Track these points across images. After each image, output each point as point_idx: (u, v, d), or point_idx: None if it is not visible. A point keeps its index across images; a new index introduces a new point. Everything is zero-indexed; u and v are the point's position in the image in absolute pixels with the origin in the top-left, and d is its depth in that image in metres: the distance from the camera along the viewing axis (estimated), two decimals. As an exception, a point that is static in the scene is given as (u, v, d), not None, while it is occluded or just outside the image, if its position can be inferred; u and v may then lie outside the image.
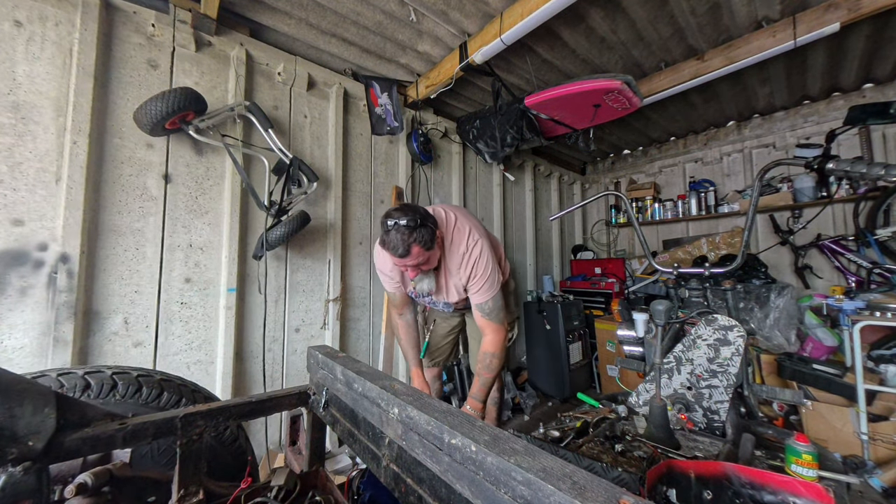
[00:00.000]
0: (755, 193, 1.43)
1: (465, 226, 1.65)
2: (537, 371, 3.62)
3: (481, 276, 1.61)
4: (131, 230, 1.82)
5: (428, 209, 1.69)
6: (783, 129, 3.71)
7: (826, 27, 2.15)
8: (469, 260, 1.61)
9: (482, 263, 1.61)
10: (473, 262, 1.60)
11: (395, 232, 1.41)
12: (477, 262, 1.60)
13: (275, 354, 2.27)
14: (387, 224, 1.43)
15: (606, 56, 2.70)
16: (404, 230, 1.40)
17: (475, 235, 1.63)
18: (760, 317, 2.63)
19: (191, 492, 0.85)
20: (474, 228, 1.66)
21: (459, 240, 1.62)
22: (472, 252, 1.61)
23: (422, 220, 1.44)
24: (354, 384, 0.86)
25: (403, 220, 1.40)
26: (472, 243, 1.62)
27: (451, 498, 0.57)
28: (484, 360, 1.64)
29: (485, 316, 1.64)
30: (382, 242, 1.47)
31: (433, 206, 1.76)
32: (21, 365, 1.53)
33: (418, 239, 1.42)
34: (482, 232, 1.71)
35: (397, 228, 1.40)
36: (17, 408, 0.65)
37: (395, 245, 1.42)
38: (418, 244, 1.42)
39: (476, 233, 1.65)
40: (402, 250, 1.41)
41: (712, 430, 1.17)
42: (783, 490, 0.65)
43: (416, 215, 1.42)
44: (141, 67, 1.88)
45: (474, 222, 1.74)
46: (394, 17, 2.21)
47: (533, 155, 4.39)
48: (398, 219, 1.40)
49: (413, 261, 1.46)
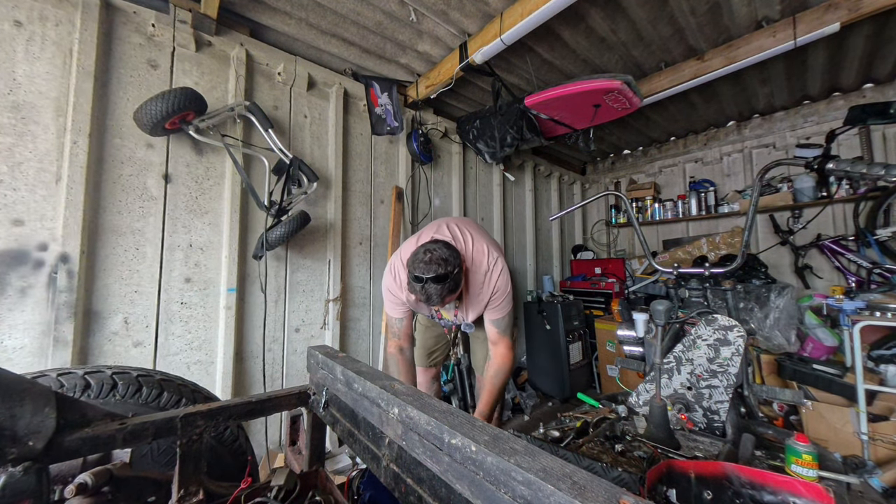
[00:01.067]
0: (755, 193, 1.43)
1: (482, 245, 1.66)
2: (537, 371, 3.62)
3: (501, 292, 1.62)
4: (131, 230, 1.82)
5: (442, 229, 1.69)
6: (783, 129, 3.71)
7: (826, 27, 2.15)
8: (491, 279, 1.62)
9: (503, 280, 1.62)
10: (496, 281, 1.61)
11: (430, 285, 1.37)
12: (499, 280, 1.62)
13: (275, 354, 2.27)
14: (421, 276, 1.37)
15: (606, 56, 2.70)
16: (434, 286, 1.37)
17: (493, 253, 1.64)
18: (760, 317, 2.63)
19: (191, 492, 0.85)
20: (489, 246, 1.67)
21: (480, 260, 1.63)
22: (494, 270, 1.62)
23: (452, 269, 1.41)
24: (354, 384, 0.86)
25: (436, 272, 1.36)
26: (493, 262, 1.63)
27: (451, 498, 0.57)
28: (497, 376, 1.64)
29: (500, 331, 1.65)
30: (412, 290, 1.43)
31: (443, 224, 1.74)
32: (21, 365, 1.53)
33: (451, 288, 1.42)
34: (494, 245, 1.71)
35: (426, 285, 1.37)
36: (17, 408, 0.65)
37: (427, 298, 1.40)
38: (451, 293, 1.44)
39: (493, 250, 1.65)
40: (437, 301, 1.42)
41: (712, 430, 1.17)
42: (783, 490, 0.65)
43: (445, 265, 1.38)
44: (141, 67, 1.88)
45: (485, 236, 1.73)
46: (394, 17, 2.21)
47: (533, 155, 4.39)
48: (425, 273, 1.36)
49: (443, 305, 1.49)
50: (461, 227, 1.73)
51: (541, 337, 3.56)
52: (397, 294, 1.68)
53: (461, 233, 1.69)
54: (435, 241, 1.50)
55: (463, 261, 1.54)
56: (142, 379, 1.03)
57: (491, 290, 1.61)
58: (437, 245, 1.46)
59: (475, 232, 1.71)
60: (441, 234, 1.68)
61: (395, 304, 1.71)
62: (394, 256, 1.73)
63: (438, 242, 1.48)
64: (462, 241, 1.65)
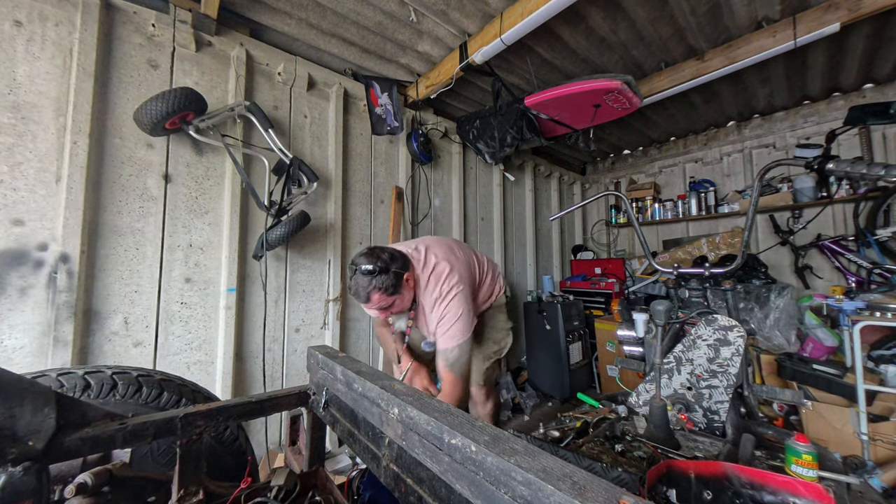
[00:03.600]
0: (755, 193, 1.43)
1: (445, 269, 1.60)
2: (537, 371, 3.62)
3: (448, 320, 1.54)
4: (131, 230, 1.82)
5: (409, 247, 1.66)
6: (783, 129, 3.71)
7: (826, 27, 2.15)
8: (442, 304, 1.56)
9: (454, 308, 1.54)
10: (445, 306, 1.55)
11: (356, 277, 1.42)
12: (448, 306, 1.55)
13: (275, 354, 2.27)
14: (351, 268, 1.44)
15: (606, 56, 2.70)
16: (364, 277, 1.40)
17: (451, 281, 1.58)
18: (760, 317, 2.63)
19: (191, 492, 0.85)
20: (455, 274, 1.60)
21: (435, 283, 1.58)
22: (446, 297, 1.56)
23: (384, 266, 1.42)
24: (354, 384, 0.86)
25: (365, 265, 1.40)
26: (447, 289, 1.56)
27: (451, 498, 0.57)
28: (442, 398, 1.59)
29: (447, 365, 1.53)
30: (348, 287, 1.48)
31: (423, 241, 1.72)
32: (21, 365, 1.53)
33: (378, 285, 1.42)
34: (464, 274, 1.65)
35: (359, 273, 1.41)
36: (17, 408, 0.65)
37: (356, 291, 1.44)
38: (379, 291, 1.43)
39: (454, 277, 1.59)
40: (364, 297, 1.43)
41: (712, 431, 1.17)
42: (783, 490, 0.65)
43: (377, 261, 1.41)
44: (141, 67, 1.88)
45: (459, 262, 1.68)
46: (394, 17, 2.21)
47: (533, 155, 4.39)
48: (360, 264, 1.41)
49: (375, 305, 1.47)
50: (436, 247, 1.69)
51: (541, 337, 3.56)
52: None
53: (430, 254, 1.64)
54: (390, 247, 1.54)
55: (409, 275, 1.52)
56: (142, 379, 1.03)
57: (439, 314, 1.56)
58: (385, 248, 1.51)
59: (444, 257, 1.65)
60: (409, 248, 1.66)
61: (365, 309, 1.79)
62: None
63: (391, 248, 1.52)
64: (423, 261, 1.61)
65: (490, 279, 1.92)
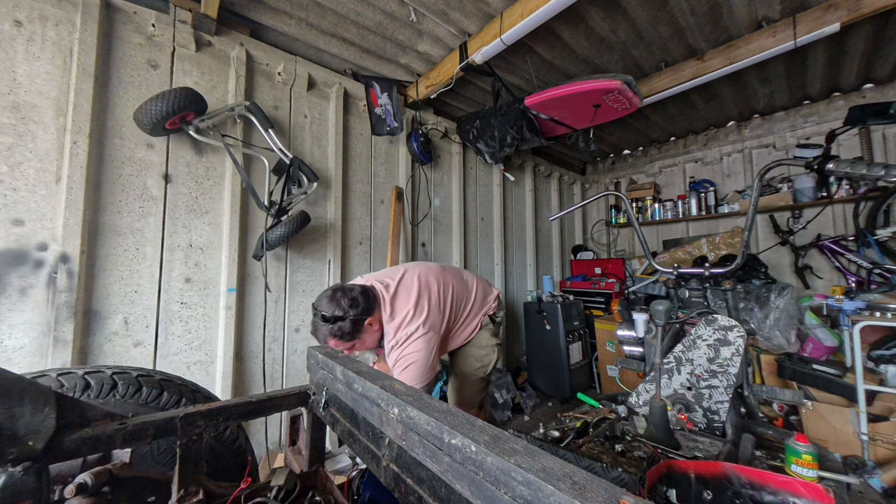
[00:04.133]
0: (755, 193, 1.43)
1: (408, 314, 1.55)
2: (537, 371, 3.62)
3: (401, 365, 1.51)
4: (131, 230, 1.82)
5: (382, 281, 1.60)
6: (783, 129, 3.71)
7: (826, 27, 2.15)
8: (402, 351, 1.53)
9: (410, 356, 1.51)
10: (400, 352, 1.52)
11: (315, 318, 1.43)
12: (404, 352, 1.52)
13: (275, 354, 2.27)
14: (313, 309, 1.44)
15: (606, 56, 2.70)
16: (321, 323, 1.41)
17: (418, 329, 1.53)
18: (760, 317, 2.62)
19: (191, 492, 0.85)
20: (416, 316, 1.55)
21: (395, 329, 1.54)
22: (406, 345, 1.52)
23: (342, 314, 1.40)
24: (354, 384, 0.86)
25: (325, 310, 1.40)
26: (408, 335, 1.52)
27: (451, 498, 0.57)
28: None
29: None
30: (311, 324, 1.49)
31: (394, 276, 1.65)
32: (21, 365, 1.53)
33: (335, 331, 1.42)
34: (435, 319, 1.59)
35: (316, 316, 1.42)
36: (17, 408, 0.65)
37: (313, 332, 1.45)
38: (334, 337, 1.43)
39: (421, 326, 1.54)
40: (321, 340, 1.45)
41: (712, 431, 1.17)
42: (783, 490, 0.65)
43: (336, 307, 1.40)
44: (141, 67, 1.88)
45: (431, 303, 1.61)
46: (394, 18, 2.21)
47: (533, 155, 4.39)
48: (320, 309, 1.41)
49: (335, 346, 1.45)
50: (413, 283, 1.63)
51: (541, 337, 3.56)
52: None
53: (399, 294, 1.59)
54: (361, 286, 1.51)
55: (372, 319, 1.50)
56: (142, 379, 1.03)
57: (397, 355, 1.53)
58: (355, 289, 1.48)
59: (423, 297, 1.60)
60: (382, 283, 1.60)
61: None
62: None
63: (361, 288, 1.49)
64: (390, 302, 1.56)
65: (476, 308, 1.83)
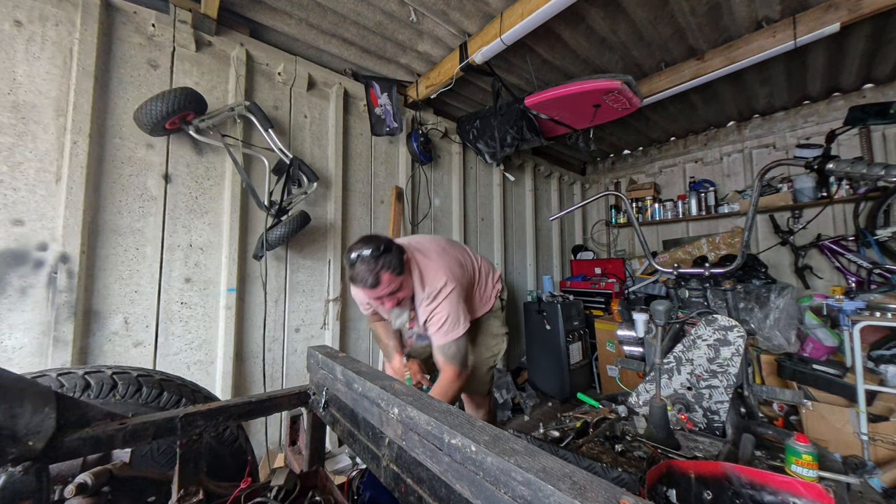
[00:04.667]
0: (755, 194, 1.43)
1: (435, 266, 1.57)
2: (537, 371, 3.62)
3: (439, 317, 1.52)
4: (131, 230, 1.82)
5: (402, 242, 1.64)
6: (783, 129, 3.71)
7: (826, 27, 2.15)
8: (431, 303, 1.53)
9: (445, 307, 1.51)
10: (436, 304, 1.52)
11: (360, 263, 1.36)
12: (441, 304, 1.51)
13: (275, 354, 2.27)
14: (350, 258, 1.39)
15: (606, 56, 2.70)
16: (370, 259, 1.36)
17: (442, 278, 1.55)
18: (760, 317, 2.62)
19: (191, 492, 0.85)
20: (443, 269, 1.57)
21: (424, 281, 1.55)
22: (440, 294, 1.52)
23: (388, 245, 1.41)
24: (354, 384, 0.86)
25: (367, 249, 1.37)
26: (439, 287, 1.53)
27: (451, 498, 0.57)
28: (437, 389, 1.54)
29: (444, 358, 1.53)
30: (351, 278, 1.42)
31: (410, 240, 1.71)
32: (21, 365, 1.53)
33: (386, 265, 1.37)
34: (456, 272, 1.62)
35: (362, 259, 1.36)
36: (17, 408, 0.65)
37: (363, 277, 1.36)
38: (387, 270, 1.38)
39: (444, 274, 1.56)
40: (372, 280, 1.36)
41: (712, 431, 1.17)
42: (783, 490, 0.65)
43: (379, 243, 1.40)
44: (141, 67, 1.88)
45: (451, 259, 1.66)
46: (394, 18, 2.21)
47: (533, 155, 4.39)
48: (361, 250, 1.37)
49: (385, 289, 1.41)
50: (431, 246, 1.67)
51: (541, 337, 3.56)
52: (359, 299, 1.78)
53: (420, 252, 1.63)
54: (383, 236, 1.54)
55: (407, 263, 1.50)
56: (142, 379, 1.03)
57: (429, 311, 1.53)
58: (374, 234, 1.51)
59: (443, 256, 1.64)
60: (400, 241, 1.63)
61: (361, 304, 1.82)
62: None
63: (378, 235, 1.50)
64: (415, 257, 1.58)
65: (486, 280, 1.88)
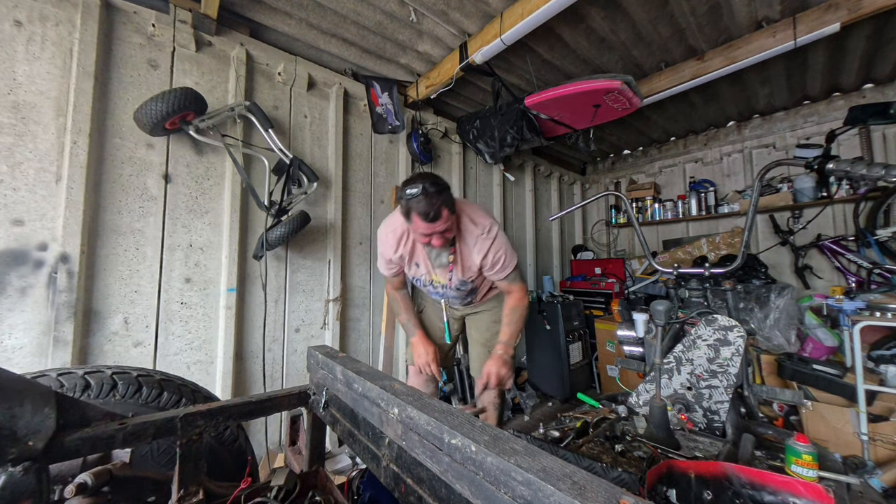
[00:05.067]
0: (755, 194, 1.43)
1: (478, 209, 1.70)
2: (537, 371, 3.62)
3: (497, 251, 1.65)
4: (131, 230, 1.82)
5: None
6: (783, 129, 3.71)
7: (826, 27, 2.15)
8: (487, 241, 1.64)
9: (500, 242, 1.65)
10: (491, 243, 1.64)
11: (424, 197, 1.40)
12: (495, 242, 1.64)
13: (275, 354, 2.27)
14: (409, 192, 1.42)
15: (606, 56, 2.70)
16: (434, 193, 1.41)
17: (488, 218, 1.69)
18: (760, 317, 2.63)
19: (191, 492, 0.85)
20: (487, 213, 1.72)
21: (474, 221, 1.66)
22: (490, 233, 1.64)
23: (445, 184, 1.48)
24: (354, 384, 0.86)
25: (430, 184, 1.42)
26: (487, 227, 1.66)
27: (451, 498, 0.57)
28: (513, 314, 1.71)
29: (510, 282, 1.72)
30: (410, 210, 1.45)
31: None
32: (21, 365, 1.53)
33: (446, 201, 1.45)
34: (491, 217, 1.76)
35: (426, 192, 1.40)
36: (17, 408, 0.65)
37: (425, 209, 1.41)
38: (446, 207, 1.45)
39: (488, 216, 1.70)
40: (434, 214, 1.42)
41: (712, 431, 1.17)
42: (783, 490, 0.65)
43: (438, 179, 1.46)
44: (141, 67, 1.88)
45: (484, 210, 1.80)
46: (394, 18, 2.21)
47: (533, 155, 4.39)
48: (424, 183, 1.42)
49: (442, 225, 1.48)
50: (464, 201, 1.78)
51: (541, 337, 3.55)
52: (388, 255, 1.74)
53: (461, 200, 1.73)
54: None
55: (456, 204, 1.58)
56: (142, 379, 1.03)
57: (487, 245, 1.63)
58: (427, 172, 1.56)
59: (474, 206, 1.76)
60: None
61: (387, 265, 1.79)
62: (392, 216, 1.74)
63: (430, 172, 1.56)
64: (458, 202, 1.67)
65: None
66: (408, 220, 1.50)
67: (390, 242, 1.70)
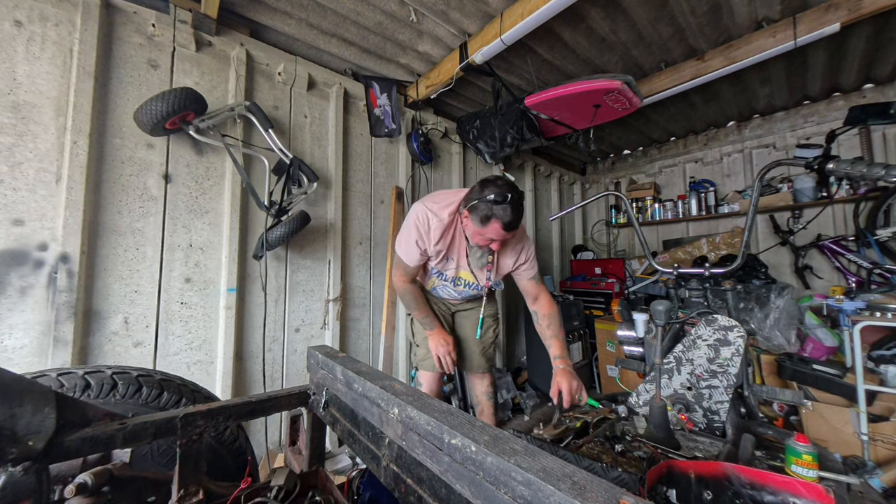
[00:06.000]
0: (755, 194, 1.43)
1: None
2: (537, 371, 3.62)
3: (531, 252, 1.74)
4: (131, 230, 1.82)
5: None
6: (783, 129, 3.71)
7: (826, 27, 2.15)
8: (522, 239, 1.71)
9: (528, 239, 1.75)
10: (523, 240, 1.71)
11: (509, 206, 1.38)
12: (525, 239, 1.73)
13: (275, 354, 2.27)
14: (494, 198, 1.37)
15: (607, 56, 2.70)
16: (519, 204, 1.42)
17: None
18: (760, 317, 2.63)
19: (191, 492, 0.85)
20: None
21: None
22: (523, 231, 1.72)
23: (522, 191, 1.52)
24: (354, 384, 0.86)
25: (517, 195, 1.41)
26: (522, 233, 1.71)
27: (451, 498, 0.57)
28: (553, 320, 1.78)
29: (538, 283, 1.79)
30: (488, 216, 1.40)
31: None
32: (21, 365, 1.53)
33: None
34: None
35: (513, 203, 1.38)
36: (17, 408, 0.65)
37: (511, 220, 1.40)
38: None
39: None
40: (517, 224, 1.44)
41: (712, 431, 1.17)
42: (783, 490, 0.65)
43: (517, 187, 1.46)
44: (141, 67, 1.88)
45: None
46: (394, 18, 2.21)
47: (533, 155, 4.39)
48: (512, 193, 1.39)
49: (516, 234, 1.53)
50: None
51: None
52: (430, 239, 1.61)
53: None
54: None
55: None
56: (142, 379, 1.03)
57: (518, 251, 1.69)
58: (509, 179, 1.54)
59: None
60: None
61: (419, 254, 1.65)
62: (419, 205, 1.62)
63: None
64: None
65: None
66: (482, 224, 1.43)
67: (434, 234, 1.58)
